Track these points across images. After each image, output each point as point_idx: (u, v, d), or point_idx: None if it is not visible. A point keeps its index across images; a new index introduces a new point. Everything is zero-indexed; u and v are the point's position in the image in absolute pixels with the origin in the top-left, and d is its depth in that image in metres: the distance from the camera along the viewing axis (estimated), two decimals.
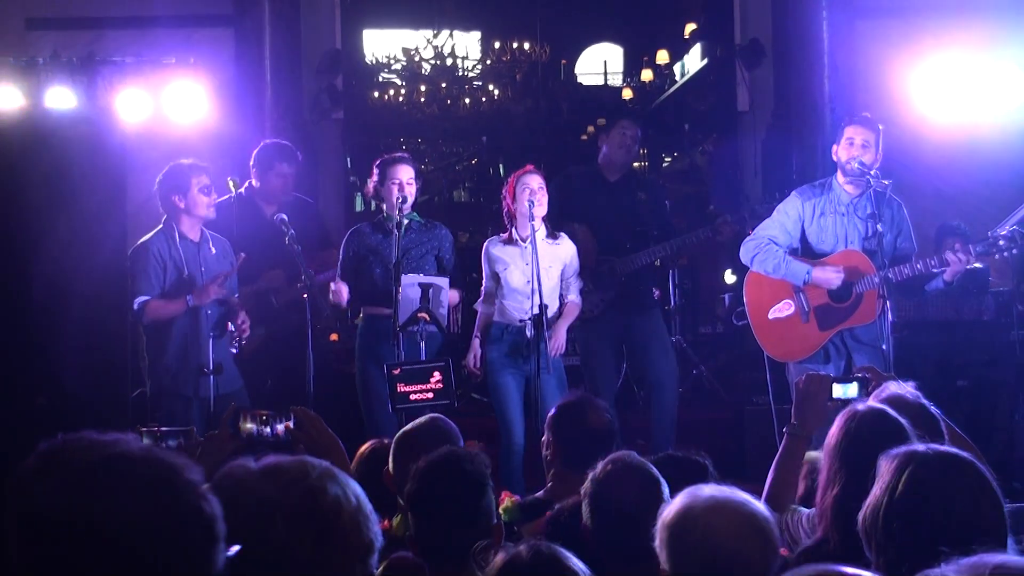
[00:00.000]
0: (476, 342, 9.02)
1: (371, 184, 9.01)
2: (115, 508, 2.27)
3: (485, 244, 9.10)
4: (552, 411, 6.03)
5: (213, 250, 8.84)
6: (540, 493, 5.73)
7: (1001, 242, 8.18)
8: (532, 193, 8.72)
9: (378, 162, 8.99)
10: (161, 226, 8.76)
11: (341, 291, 8.72)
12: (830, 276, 8.45)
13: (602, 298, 9.45)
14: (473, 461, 4.31)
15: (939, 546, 3.15)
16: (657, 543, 3.55)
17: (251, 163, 9.67)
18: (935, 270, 8.24)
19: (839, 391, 5.33)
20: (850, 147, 8.43)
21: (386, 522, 4.93)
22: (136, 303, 8.58)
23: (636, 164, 19.73)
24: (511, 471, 8.74)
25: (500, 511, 5.37)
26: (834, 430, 4.33)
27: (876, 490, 3.45)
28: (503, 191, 9.00)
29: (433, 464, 4.34)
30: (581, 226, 9.43)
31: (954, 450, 3.55)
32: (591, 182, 9.80)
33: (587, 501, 4.42)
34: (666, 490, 4.37)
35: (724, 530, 3.40)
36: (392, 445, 5.49)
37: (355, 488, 2.54)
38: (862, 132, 8.43)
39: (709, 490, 3.55)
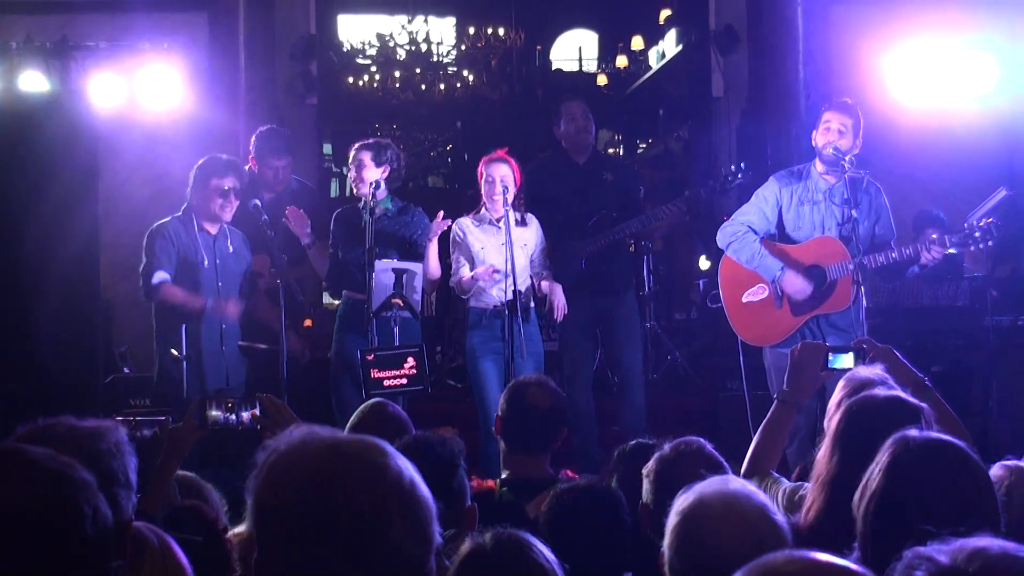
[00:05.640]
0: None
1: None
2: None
3: (458, 223, 9.10)
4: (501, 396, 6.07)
5: (231, 248, 8.81)
6: (489, 482, 5.73)
7: (977, 234, 8.17)
8: (494, 183, 8.82)
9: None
10: (180, 213, 8.74)
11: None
12: (799, 285, 8.44)
13: (567, 282, 9.42)
14: (445, 444, 4.31)
15: (917, 535, 3.14)
16: (668, 527, 3.48)
17: (250, 148, 9.69)
18: (909, 259, 8.26)
19: (833, 361, 5.32)
20: (827, 132, 8.41)
21: None
22: (154, 279, 8.55)
23: (612, 150, 19.82)
24: (490, 456, 8.72)
25: (498, 496, 5.39)
26: (838, 413, 4.29)
27: (867, 475, 3.43)
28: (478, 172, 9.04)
29: (404, 446, 4.34)
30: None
31: (944, 436, 3.48)
32: (559, 167, 9.80)
33: (650, 479, 4.42)
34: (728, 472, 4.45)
35: (735, 538, 3.27)
36: None
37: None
38: (839, 117, 8.42)
39: (734, 485, 3.44)
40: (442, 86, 22.50)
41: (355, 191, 9.00)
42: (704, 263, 13.66)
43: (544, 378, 6.31)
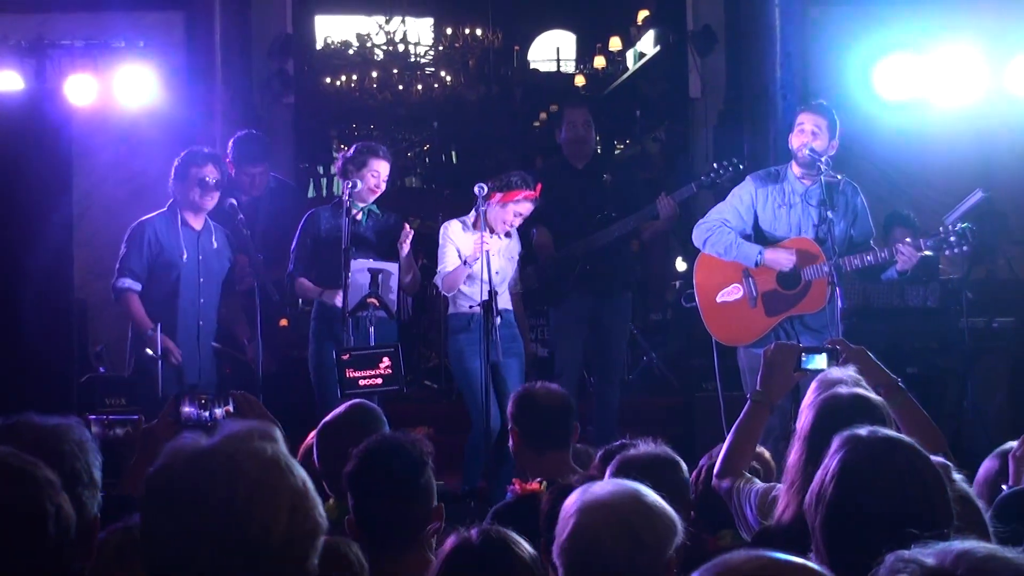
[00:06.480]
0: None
1: (346, 165, 8.94)
2: None
3: (448, 224, 9.05)
4: (509, 404, 6.05)
5: (215, 244, 8.85)
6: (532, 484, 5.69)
7: (952, 238, 8.18)
8: (519, 218, 8.87)
9: (362, 147, 8.99)
10: (165, 209, 8.83)
11: None
12: (782, 258, 8.44)
13: (566, 283, 9.45)
14: (414, 444, 4.32)
15: (867, 535, 3.13)
16: (555, 546, 3.47)
17: (227, 152, 9.66)
18: (885, 262, 8.27)
19: (807, 362, 5.30)
20: (801, 134, 8.42)
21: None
22: (122, 283, 8.66)
23: None
24: (477, 456, 8.71)
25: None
26: (807, 414, 4.29)
27: (817, 475, 3.41)
28: (487, 187, 8.80)
29: (373, 444, 4.35)
30: (541, 227, 9.41)
31: (893, 435, 3.45)
32: (560, 173, 9.83)
33: (612, 473, 4.53)
34: (685, 471, 4.67)
35: (607, 535, 3.30)
36: (316, 436, 5.48)
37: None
38: (812, 118, 8.43)
39: (606, 488, 3.47)
40: (420, 86, 22.46)
41: (363, 199, 8.89)
42: (680, 264, 13.66)
43: (545, 383, 6.33)
